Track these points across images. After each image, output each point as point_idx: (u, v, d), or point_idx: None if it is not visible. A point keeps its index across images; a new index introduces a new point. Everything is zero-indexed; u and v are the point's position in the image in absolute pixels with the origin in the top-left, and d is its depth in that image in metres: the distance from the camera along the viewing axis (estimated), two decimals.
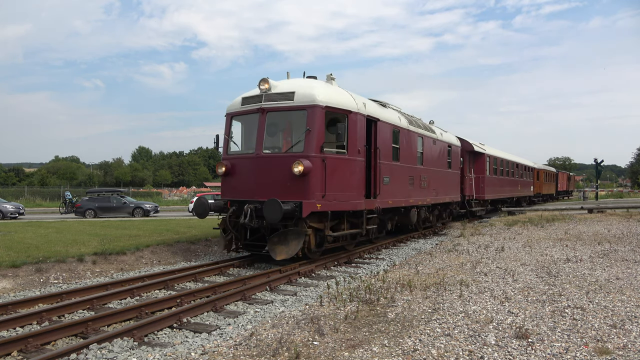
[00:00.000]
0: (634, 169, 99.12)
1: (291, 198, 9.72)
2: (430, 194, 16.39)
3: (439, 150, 17.74)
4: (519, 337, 5.37)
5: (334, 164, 10.34)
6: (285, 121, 11.14)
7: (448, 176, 18.82)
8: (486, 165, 23.96)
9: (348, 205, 10.74)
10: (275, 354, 4.92)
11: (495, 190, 26.20)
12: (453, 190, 19.50)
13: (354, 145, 10.94)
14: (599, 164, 47.63)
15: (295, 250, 9.57)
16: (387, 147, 12.89)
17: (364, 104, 11.65)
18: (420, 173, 15.47)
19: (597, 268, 9.68)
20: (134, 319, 6.43)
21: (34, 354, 5.09)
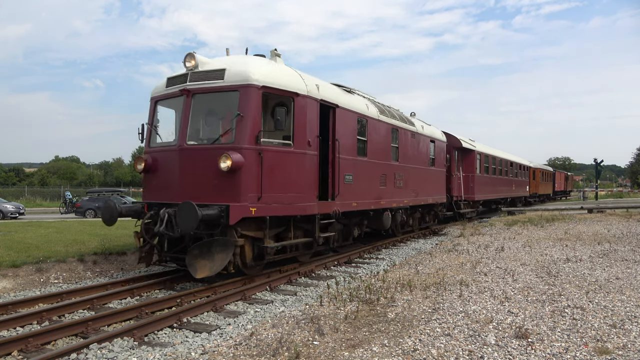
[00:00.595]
0: (634, 169, 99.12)
1: (218, 200, 7.93)
2: (408, 194, 14.57)
3: (420, 146, 15.79)
4: (518, 337, 5.38)
5: (274, 159, 8.50)
6: (215, 105, 9.23)
7: (431, 175, 16.94)
8: (476, 163, 22.18)
9: (294, 209, 8.90)
10: (275, 354, 4.93)
11: (487, 190, 24.54)
12: (437, 191, 17.62)
13: (301, 136, 9.04)
14: (599, 164, 47.64)
15: (222, 265, 7.63)
16: (351, 139, 11.02)
17: (316, 85, 9.72)
18: (394, 170, 13.51)
19: (597, 268, 9.68)
20: (134, 319, 6.43)
21: (34, 354, 5.09)
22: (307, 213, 9.25)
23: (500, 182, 27.66)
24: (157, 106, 9.62)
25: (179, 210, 7.49)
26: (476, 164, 22.19)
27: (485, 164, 24.03)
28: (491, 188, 25.47)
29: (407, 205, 14.68)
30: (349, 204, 10.84)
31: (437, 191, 17.65)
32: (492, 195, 25.83)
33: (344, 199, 10.63)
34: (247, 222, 8.16)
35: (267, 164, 8.35)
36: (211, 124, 9.37)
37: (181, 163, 8.50)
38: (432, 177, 17.03)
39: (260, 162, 8.23)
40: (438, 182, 17.80)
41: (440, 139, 18.14)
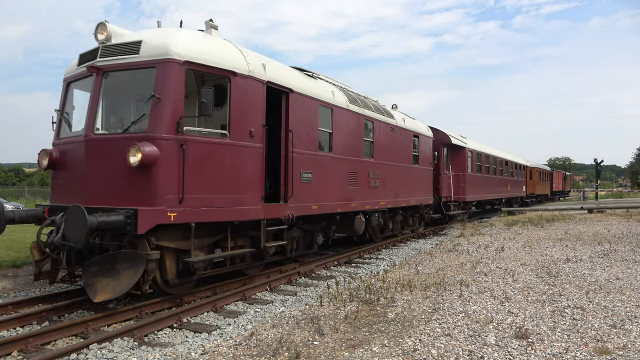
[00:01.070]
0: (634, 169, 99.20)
1: (126, 203, 6.39)
2: (385, 195, 13.00)
3: (400, 141, 14.19)
4: (519, 337, 5.38)
5: (203, 152, 6.99)
6: (130, 86, 7.56)
7: (414, 173, 15.27)
8: (467, 162, 20.62)
9: (231, 214, 7.37)
10: (275, 354, 4.93)
11: (480, 191, 22.90)
12: (422, 191, 16.04)
13: (241, 125, 7.50)
14: (599, 164, 47.65)
15: (129, 284, 6.10)
16: (310, 130, 9.49)
17: (262, 65, 8.16)
18: (368, 168, 12.00)
19: (597, 268, 9.68)
20: (134, 319, 6.43)
21: (34, 354, 5.09)
22: (249, 218, 7.72)
23: (495, 182, 26.13)
24: (70, 89, 7.99)
25: (66, 217, 6.08)
26: (467, 163, 20.67)
27: (478, 163, 22.56)
28: (484, 188, 23.89)
29: (385, 208, 13.07)
30: (307, 206, 9.34)
31: (422, 191, 16.09)
32: (486, 195, 24.34)
33: (301, 201, 9.12)
34: (167, 231, 6.68)
35: (192, 159, 6.81)
36: (125, 110, 7.70)
37: (87, 157, 6.98)
38: (415, 176, 15.42)
39: (182, 155, 6.66)
40: (423, 182, 16.20)
41: (425, 134, 16.51)
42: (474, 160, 21.91)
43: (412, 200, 15.04)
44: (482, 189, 23.33)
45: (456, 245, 13.31)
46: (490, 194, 25.13)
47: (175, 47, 6.86)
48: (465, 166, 20.47)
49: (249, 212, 7.74)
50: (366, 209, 11.93)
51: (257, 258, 8.62)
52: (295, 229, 9.51)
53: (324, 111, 10.15)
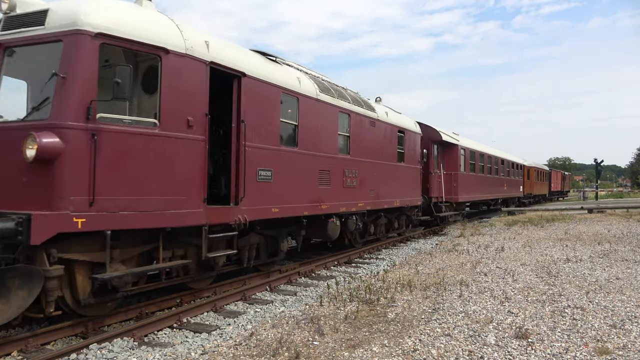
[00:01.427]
0: (634, 169, 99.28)
1: (21, 207, 5.27)
2: (364, 196, 11.70)
3: (383, 136, 12.89)
4: (519, 337, 5.38)
5: (123, 144, 5.80)
6: (35, 64, 6.26)
7: (399, 172, 13.97)
8: (460, 160, 19.38)
9: (160, 219, 6.14)
10: (275, 354, 4.93)
11: (474, 191, 21.62)
12: (409, 191, 14.75)
13: (176, 113, 6.37)
14: (599, 164, 47.67)
15: (21, 307, 4.98)
16: (269, 122, 8.31)
17: (205, 43, 6.98)
18: (343, 166, 10.74)
19: (597, 268, 9.68)
20: (134, 319, 6.43)
21: (34, 354, 5.09)
22: (185, 224, 6.53)
23: (490, 182, 24.88)
24: None
25: None
26: (460, 161, 19.41)
27: (472, 161, 21.29)
28: (479, 188, 22.59)
29: (364, 210, 11.75)
30: (265, 209, 8.14)
31: (409, 192, 14.82)
32: (480, 196, 22.96)
33: (257, 203, 7.92)
34: (77, 240, 5.58)
35: (108, 152, 5.67)
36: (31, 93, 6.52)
37: None
38: (401, 175, 14.12)
39: (93, 148, 5.53)
40: (410, 181, 14.94)
41: (412, 130, 15.26)
42: (467, 158, 20.68)
43: (396, 201, 13.71)
44: (476, 189, 22.04)
45: (456, 245, 13.31)
46: (485, 194, 23.87)
47: (85, 16, 5.65)
48: (458, 165, 19.21)
49: (185, 217, 6.51)
50: (341, 212, 10.64)
51: (206, 269, 7.45)
52: (253, 235, 8.33)
53: (288, 100, 8.91)
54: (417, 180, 15.58)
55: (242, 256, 8.21)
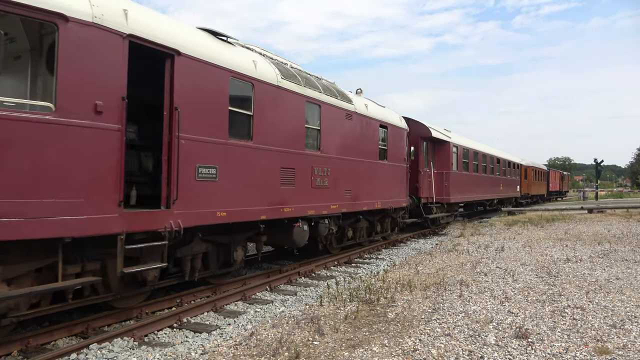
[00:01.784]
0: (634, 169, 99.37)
1: None
2: (338, 197, 10.41)
3: (361, 131, 11.58)
4: (519, 337, 5.38)
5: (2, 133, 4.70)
6: None
7: (381, 171, 12.68)
8: (452, 158, 18.27)
9: (56, 227, 5.04)
10: (275, 354, 4.93)
11: (467, 191, 20.38)
12: (393, 191, 13.43)
13: (80, 95, 5.31)
14: (599, 164, 47.69)
15: None
16: (213, 110, 7.09)
17: (123, 11, 5.82)
18: (312, 163, 9.49)
19: (597, 268, 9.68)
20: (134, 319, 6.43)
21: (34, 354, 5.09)
22: (92, 232, 5.37)
23: (485, 181, 23.57)
24: None
25: None
26: (452, 159, 18.24)
27: (465, 160, 20.11)
28: (473, 188, 21.29)
29: (338, 213, 10.47)
30: (207, 213, 6.93)
31: (394, 192, 13.47)
32: (474, 196, 21.64)
33: (195, 206, 6.72)
34: None
35: None
36: None
37: None
38: (383, 174, 12.78)
39: None
40: (394, 181, 13.59)
41: (397, 125, 13.90)
42: (460, 156, 19.52)
43: (377, 202, 12.37)
44: (469, 189, 20.80)
45: (456, 245, 13.31)
46: (479, 194, 22.49)
47: None
48: (450, 163, 18.05)
49: (91, 224, 5.35)
50: (310, 215, 9.36)
51: (139, 285, 6.38)
52: (198, 242, 7.20)
53: (240, 86, 7.70)
54: (402, 180, 14.23)
55: (183, 268, 7.05)
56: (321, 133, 9.90)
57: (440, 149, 18.03)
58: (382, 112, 13.26)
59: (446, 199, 17.87)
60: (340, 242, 11.71)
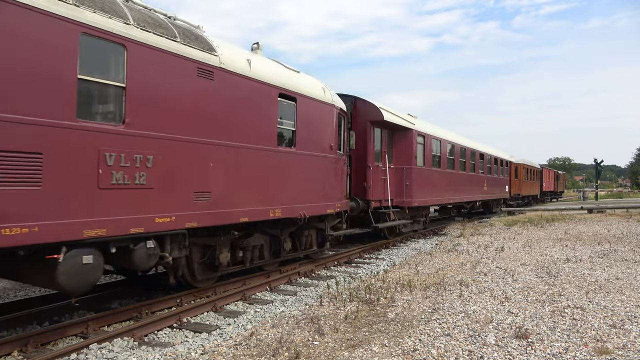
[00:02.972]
0: (634, 169, 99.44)
1: None
2: (178, 203, 6.50)
3: (236, 100, 7.54)
4: (518, 337, 5.38)
5: None
6: None
7: (285, 163, 8.67)
8: (416, 150, 14.55)
9: None
10: (275, 354, 4.93)
11: (438, 191, 16.70)
12: (311, 193, 9.43)
13: None
14: (599, 164, 47.77)
15: None
16: None
17: None
18: (100, 146, 5.45)
19: (596, 268, 9.69)
20: (134, 319, 6.43)
21: (34, 354, 5.09)
22: None
23: (464, 180, 19.96)
24: None
25: None
26: (416, 152, 14.54)
27: (436, 153, 16.58)
28: (447, 188, 17.75)
29: (179, 229, 6.50)
30: None
31: (313, 194, 9.46)
32: (449, 197, 18.28)
33: None
34: None
35: None
36: None
37: None
38: (289, 168, 8.75)
39: None
40: (315, 178, 9.56)
41: (316, 98, 9.56)
42: (429, 149, 15.81)
43: (277, 210, 8.34)
44: (442, 189, 17.23)
45: (456, 245, 13.31)
46: (456, 195, 19.01)
47: None
48: (413, 156, 14.34)
49: None
50: (95, 236, 5.36)
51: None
52: None
53: None
54: (332, 177, 10.10)
55: None
56: (128, 94, 5.80)
57: (400, 138, 14.28)
58: (287, 77, 8.74)
59: (408, 202, 14.21)
60: (215, 269, 7.73)
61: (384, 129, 13.70)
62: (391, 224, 13.62)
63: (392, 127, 13.86)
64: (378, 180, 13.28)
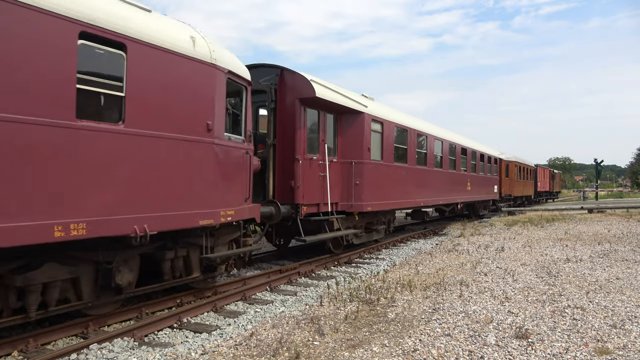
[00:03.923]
0: (634, 169, 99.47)
1: None
2: None
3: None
4: (519, 337, 5.38)
5: None
6: None
7: (111, 147, 5.31)
8: (369, 140, 11.41)
9: None
10: (276, 354, 4.93)
11: (401, 192, 13.30)
12: (171, 196, 6.09)
13: None
14: (599, 164, 47.75)
15: None
16: None
17: None
18: None
19: (597, 268, 9.68)
20: (134, 319, 6.43)
21: (34, 354, 5.09)
22: None
23: (440, 179, 16.53)
24: None
25: None
26: (369, 142, 11.36)
27: (399, 145, 13.22)
28: (416, 188, 14.33)
29: None
30: None
31: (168, 197, 6.04)
32: (419, 199, 14.67)
33: None
34: None
35: None
36: None
37: None
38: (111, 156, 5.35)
39: None
40: (173, 172, 6.15)
41: (174, 51, 6.17)
42: (389, 139, 12.51)
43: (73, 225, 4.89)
44: (409, 190, 13.84)
45: (456, 245, 13.31)
46: (429, 196, 15.49)
47: None
48: (364, 148, 11.18)
49: None
50: None
51: None
52: None
53: None
54: (209, 170, 6.73)
55: None
56: None
57: (347, 124, 11.04)
58: (106, 10, 5.37)
59: (358, 205, 10.99)
60: None
61: (324, 111, 10.40)
62: (326, 236, 10.04)
63: (336, 109, 10.63)
64: (313, 178, 10.01)
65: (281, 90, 9.91)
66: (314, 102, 9.88)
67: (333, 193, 10.58)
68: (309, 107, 10.00)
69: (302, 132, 9.80)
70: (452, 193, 18.02)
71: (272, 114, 9.77)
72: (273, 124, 9.77)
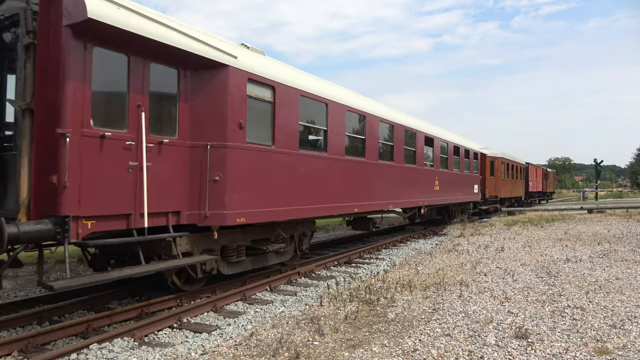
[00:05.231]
0: (634, 169, 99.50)
1: None
2: None
3: None
4: (518, 337, 5.38)
5: None
6: None
7: None
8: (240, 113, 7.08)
9: None
10: (275, 354, 4.93)
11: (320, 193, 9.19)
12: None
13: None
14: (599, 164, 47.74)
15: None
16: None
17: None
18: None
19: (596, 268, 9.69)
20: (134, 319, 6.43)
21: (34, 354, 5.09)
22: None
23: (388, 174, 12.28)
24: None
25: None
26: (240, 113, 7.10)
27: (312, 124, 9.24)
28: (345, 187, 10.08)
29: None
30: None
31: None
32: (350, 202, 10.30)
33: None
34: None
35: None
36: None
37: None
38: None
39: None
40: None
41: None
42: (290, 114, 8.44)
43: None
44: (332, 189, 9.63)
45: (456, 246, 13.31)
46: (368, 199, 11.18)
47: None
48: (227, 121, 6.89)
49: None
50: None
51: None
52: None
53: None
54: None
55: None
56: None
57: (196, 84, 6.80)
58: None
59: (215, 216, 6.77)
60: None
61: (139, 57, 6.04)
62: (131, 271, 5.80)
63: (167, 55, 6.29)
64: (111, 170, 5.72)
65: (45, 12, 5.49)
66: (106, 34, 5.51)
67: (165, 196, 6.38)
68: (100, 44, 5.60)
69: (80, 86, 5.36)
70: (410, 194, 13.80)
71: (28, 56, 5.55)
72: (32, 73, 5.55)
